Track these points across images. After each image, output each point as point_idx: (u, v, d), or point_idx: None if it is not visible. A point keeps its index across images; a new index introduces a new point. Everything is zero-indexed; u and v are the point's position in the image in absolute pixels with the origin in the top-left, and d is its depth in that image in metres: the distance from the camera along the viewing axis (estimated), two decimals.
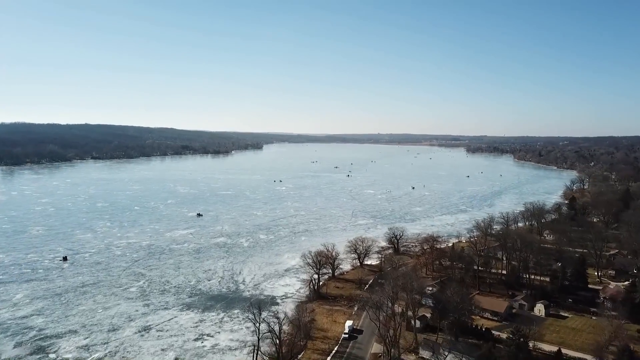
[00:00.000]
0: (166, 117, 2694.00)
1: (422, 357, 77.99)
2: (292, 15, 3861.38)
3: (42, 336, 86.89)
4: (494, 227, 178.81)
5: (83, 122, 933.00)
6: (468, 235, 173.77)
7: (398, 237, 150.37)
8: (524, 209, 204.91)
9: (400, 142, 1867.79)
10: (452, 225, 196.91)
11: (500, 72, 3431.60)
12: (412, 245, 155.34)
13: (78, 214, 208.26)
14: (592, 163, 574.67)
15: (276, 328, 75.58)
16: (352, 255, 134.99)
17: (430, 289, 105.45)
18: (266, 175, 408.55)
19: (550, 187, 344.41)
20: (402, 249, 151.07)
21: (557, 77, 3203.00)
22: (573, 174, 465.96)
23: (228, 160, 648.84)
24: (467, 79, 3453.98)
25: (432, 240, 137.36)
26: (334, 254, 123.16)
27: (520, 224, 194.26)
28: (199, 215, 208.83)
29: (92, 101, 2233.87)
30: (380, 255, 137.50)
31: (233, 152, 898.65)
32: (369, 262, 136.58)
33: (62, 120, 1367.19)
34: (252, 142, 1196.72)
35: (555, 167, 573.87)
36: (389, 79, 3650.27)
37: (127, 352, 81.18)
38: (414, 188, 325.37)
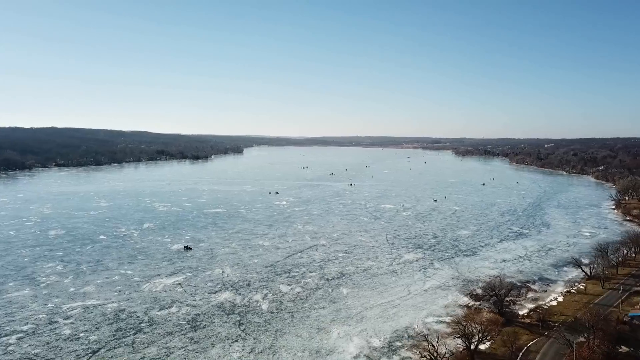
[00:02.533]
0: (140, 120, 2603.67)
1: None
2: (266, 21, 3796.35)
3: None
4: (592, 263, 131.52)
5: (49, 126, 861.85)
6: (567, 279, 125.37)
7: (503, 294, 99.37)
8: (621, 237, 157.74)
9: (382, 145, 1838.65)
10: (529, 258, 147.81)
11: (475, 76, 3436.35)
12: (518, 302, 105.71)
13: (19, 249, 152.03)
14: (602, 167, 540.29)
15: None
16: (457, 341, 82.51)
17: None
18: (257, 185, 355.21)
19: (586, 197, 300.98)
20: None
21: (532, 80, 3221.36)
22: (588, 180, 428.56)
23: (209, 167, 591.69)
24: (444, 82, 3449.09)
25: (596, 316, 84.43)
26: (438, 348, 71.69)
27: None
28: (187, 248, 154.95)
29: (60, 103, 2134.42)
30: (488, 332, 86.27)
31: (213, 157, 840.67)
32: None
33: (27, 124, 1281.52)
34: (232, 146, 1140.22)
35: (564, 172, 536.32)
36: (365, 82, 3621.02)
37: None
38: (436, 201, 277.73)
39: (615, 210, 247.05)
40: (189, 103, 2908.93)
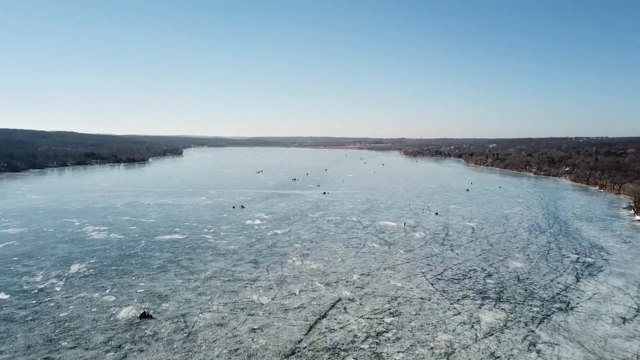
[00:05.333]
0: (65, 119, 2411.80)
1: None
2: (196, 18, 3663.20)
3: None
4: None
5: None
6: None
7: None
8: None
9: (326, 145, 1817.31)
10: None
11: (410, 76, 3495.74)
12: None
13: None
14: (567, 168, 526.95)
15: None
16: None
17: None
18: (214, 196, 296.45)
19: (592, 205, 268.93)
20: None
21: (467, 80, 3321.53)
22: (564, 182, 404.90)
23: (148, 172, 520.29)
24: (381, 82, 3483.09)
25: None
26: None
27: None
28: (144, 316, 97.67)
29: None
30: None
31: (150, 159, 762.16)
32: None
33: None
34: (169, 147, 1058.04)
35: (531, 174, 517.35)
36: (302, 80, 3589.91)
37: None
38: (437, 214, 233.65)
39: None
40: (119, 104, 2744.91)
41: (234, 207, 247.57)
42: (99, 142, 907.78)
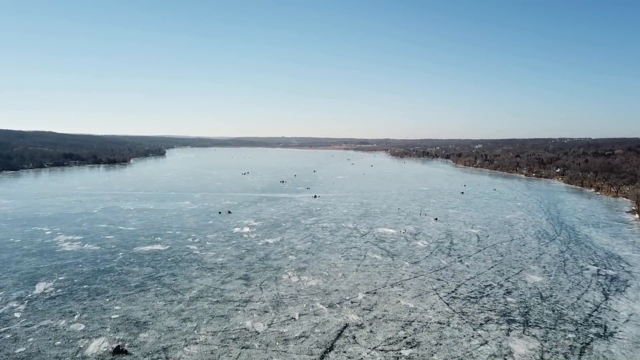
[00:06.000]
0: (44, 118, 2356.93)
1: None
2: (188, 21, 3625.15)
3: None
4: None
5: None
6: None
7: None
8: None
9: (312, 146, 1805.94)
10: None
11: (395, 78, 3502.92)
12: None
13: None
14: (558, 169, 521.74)
15: None
16: None
17: None
18: (198, 200, 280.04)
19: (593, 209, 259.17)
20: None
21: (451, 81, 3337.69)
22: (558, 184, 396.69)
23: (129, 174, 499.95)
24: (364, 84, 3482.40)
25: None
26: None
27: None
28: (118, 351, 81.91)
29: None
30: None
31: (132, 160, 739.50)
32: None
33: None
34: (152, 148, 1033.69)
35: (522, 176, 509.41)
36: (287, 81, 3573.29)
37: None
38: (437, 219, 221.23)
39: None
40: (100, 103, 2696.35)
41: (220, 212, 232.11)
42: (78, 142, 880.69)
